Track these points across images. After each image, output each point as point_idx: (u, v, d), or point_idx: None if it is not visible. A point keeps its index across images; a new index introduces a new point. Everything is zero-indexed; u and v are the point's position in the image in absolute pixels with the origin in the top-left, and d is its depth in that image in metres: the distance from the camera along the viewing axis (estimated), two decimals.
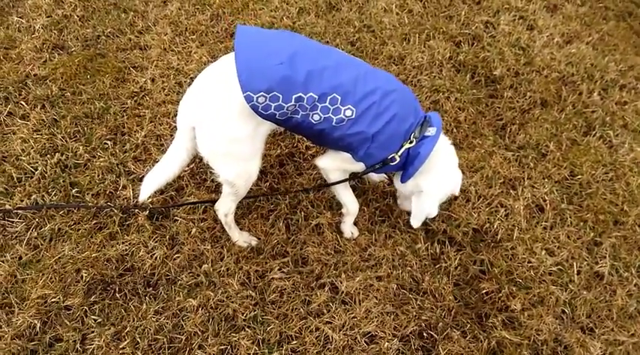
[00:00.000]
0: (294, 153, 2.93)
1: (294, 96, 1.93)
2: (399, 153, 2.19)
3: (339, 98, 1.99)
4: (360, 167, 2.30)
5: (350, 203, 2.54)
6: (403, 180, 2.35)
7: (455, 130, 3.17)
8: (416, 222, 2.38)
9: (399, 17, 3.79)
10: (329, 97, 1.97)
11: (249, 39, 1.97)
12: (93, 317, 2.19)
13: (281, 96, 1.91)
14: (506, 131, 3.23)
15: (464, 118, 3.23)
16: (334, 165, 2.37)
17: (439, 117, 2.33)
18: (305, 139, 2.96)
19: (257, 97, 1.89)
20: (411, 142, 2.19)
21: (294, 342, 2.23)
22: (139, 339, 2.13)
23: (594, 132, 3.30)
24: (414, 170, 2.24)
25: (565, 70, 3.63)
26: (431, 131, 2.22)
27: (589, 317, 2.54)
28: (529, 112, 3.36)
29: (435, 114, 2.35)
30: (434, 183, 2.33)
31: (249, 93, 1.88)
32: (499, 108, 3.35)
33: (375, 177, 2.84)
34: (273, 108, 1.93)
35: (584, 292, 2.60)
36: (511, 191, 2.91)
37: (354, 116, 2.03)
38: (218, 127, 2.03)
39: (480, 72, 3.52)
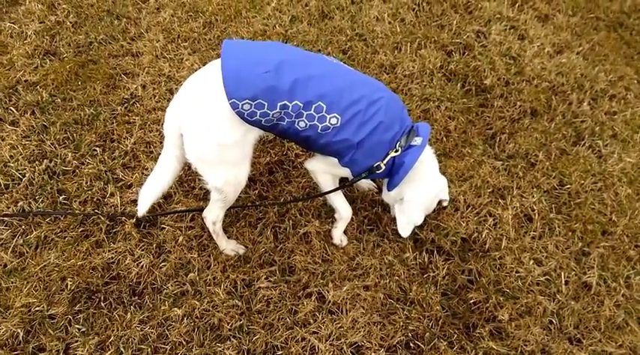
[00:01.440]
0: (284, 160, 2.93)
1: (279, 104, 1.95)
2: (385, 162, 2.21)
3: (325, 106, 2.01)
4: (347, 172, 2.32)
5: (342, 208, 2.56)
6: (389, 189, 2.37)
7: (445, 139, 3.18)
8: (403, 231, 2.40)
9: (391, 26, 3.81)
10: (314, 105, 2.00)
11: (235, 49, 2.00)
12: (77, 326, 2.18)
13: (266, 103, 1.93)
14: (495, 140, 3.24)
15: (454, 127, 3.24)
16: (322, 168, 2.41)
17: (428, 128, 2.35)
18: (294, 147, 2.96)
19: (242, 104, 1.91)
20: (396, 151, 2.21)
21: (280, 353, 2.22)
22: (122, 349, 2.12)
23: (583, 142, 3.32)
24: (399, 179, 2.26)
25: (555, 79, 3.65)
26: (417, 141, 2.24)
27: (577, 327, 2.54)
28: (519, 122, 3.37)
29: (423, 124, 2.37)
30: (416, 192, 2.37)
31: (234, 100, 1.90)
32: (489, 117, 3.36)
33: (364, 185, 2.85)
34: (258, 115, 1.95)
35: (572, 302, 2.60)
36: (500, 200, 2.92)
37: (339, 124, 2.06)
38: (206, 133, 2.03)
39: (470, 81, 3.54)
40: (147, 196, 2.24)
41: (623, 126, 3.47)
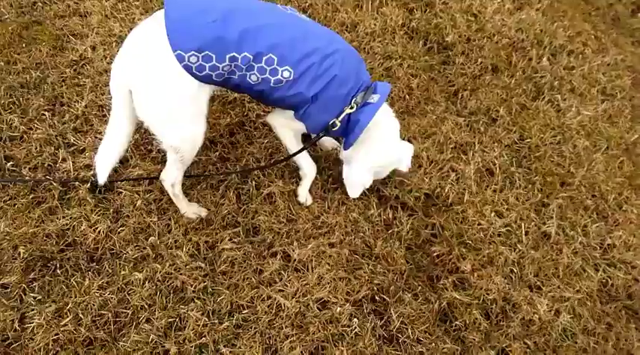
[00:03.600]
0: (245, 121, 2.85)
1: (227, 56, 1.87)
2: (340, 118, 2.17)
3: (276, 59, 1.93)
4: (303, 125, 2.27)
5: (306, 166, 2.52)
6: (345, 148, 2.33)
7: (407, 97, 3.16)
8: (351, 191, 2.39)
9: None
10: (264, 58, 1.92)
11: None
12: (32, 294, 2.09)
13: (214, 56, 1.84)
14: (457, 97, 3.24)
15: (416, 85, 3.22)
16: (281, 122, 2.36)
17: (387, 86, 2.30)
18: (255, 107, 2.89)
19: (189, 56, 1.81)
20: (352, 108, 2.16)
21: (246, 311, 2.20)
22: (82, 315, 2.05)
23: (543, 97, 3.36)
24: (355, 137, 2.22)
25: (515, 36, 3.66)
26: (374, 98, 2.18)
27: (536, 275, 2.61)
28: (480, 78, 3.37)
29: (383, 83, 2.31)
30: (367, 154, 2.33)
31: (179, 52, 1.80)
32: (451, 74, 3.35)
33: (328, 144, 2.81)
34: (207, 68, 1.87)
35: (532, 252, 2.66)
36: (462, 155, 2.94)
37: (292, 77, 1.99)
38: (156, 89, 1.92)
39: (432, 38, 3.51)
40: (104, 162, 2.15)
41: (581, 81, 3.53)
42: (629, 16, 4.35)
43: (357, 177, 2.37)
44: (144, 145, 2.63)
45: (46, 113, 2.68)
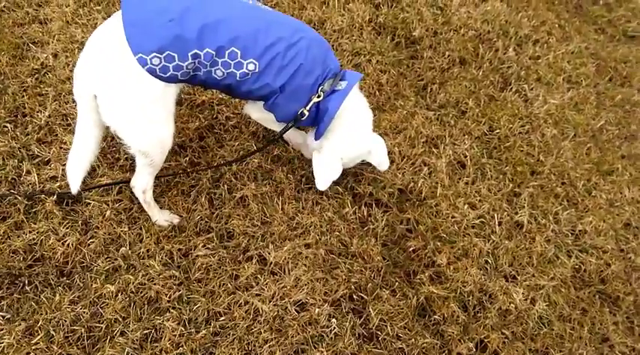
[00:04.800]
0: (214, 124, 2.82)
1: (189, 54, 1.85)
2: (308, 108, 2.16)
3: (239, 52, 1.92)
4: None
5: (295, 136, 2.59)
6: (316, 138, 2.31)
7: (377, 93, 3.16)
8: (320, 184, 2.31)
9: None
10: (227, 52, 1.90)
11: None
12: (0, 313, 2.03)
13: (176, 55, 1.82)
14: (427, 91, 3.26)
15: (385, 80, 3.23)
16: (256, 114, 2.36)
17: (356, 74, 2.29)
18: (224, 109, 2.86)
19: (150, 59, 1.79)
20: (319, 96, 2.15)
21: (223, 318, 2.17)
22: (53, 332, 2.00)
23: (510, 87, 3.40)
24: (325, 126, 2.22)
25: (481, 27, 3.69)
26: (342, 85, 2.17)
27: (511, 265, 2.64)
28: (448, 71, 3.40)
29: (352, 72, 2.30)
30: (335, 143, 2.29)
31: (141, 55, 1.78)
32: (419, 68, 3.37)
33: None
34: (171, 69, 1.84)
35: (506, 241, 2.70)
36: (433, 149, 2.96)
37: (257, 70, 1.98)
38: (121, 93, 1.89)
39: (399, 33, 3.51)
40: (75, 171, 2.09)
41: (547, 70, 3.58)
42: (590, 4, 4.42)
43: (326, 166, 2.29)
44: (111, 153, 2.58)
45: (8, 125, 2.60)
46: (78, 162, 2.09)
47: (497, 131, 3.13)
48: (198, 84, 2.08)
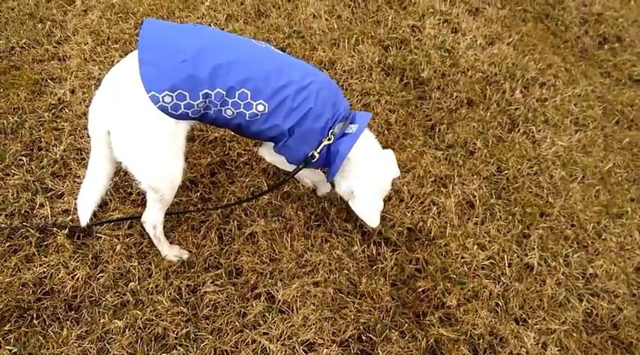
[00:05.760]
0: (226, 161, 2.85)
1: (200, 94, 1.89)
2: (318, 150, 2.18)
3: (249, 93, 1.96)
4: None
5: (308, 175, 2.62)
6: (328, 179, 2.35)
7: (386, 132, 3.21)
8: (370, 221, 2.34)
9: (328, 23, 3.81)
10: (237, 92, 1.94)
11: (154, 35, 1.90)
12: (8, 347, 2.01)
13: (187, 94, 1.87)
14: (435, 131, 3.30)
15: (394, 120, 3.27)
16: (270, 157, 2.42)
17: (366, 116, 2.32)
18: (236, 146, 2.90)
19: (162, 97, 1.84)
20: (329, 139, 2.18)
21: None
22: None
23: (518, 129, 3.43)
24: (336, 168, 2.23)
25: (488, 70, 3.76)
26: (352, 128, 2.20)
27: (522, 308, 2.61)
28: (456, 112, 3.44)
29: (362, 113, 2.34)
30: (364, 181, 2.32)
31: (153, 93, 1.83)
32: (428, 109, 3.42)
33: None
34: (182, 107, 1.89)
35: (516, 284, 2.67)
36: (442, 189, 2.97)
37: (266, 111, 2.02)
38: (133, 129, 1.93)
39: (408, 74, 3.59)
40: (86, 204, 2.12)
41: (554, 112, 3.63)
42: (596, 48, 4.51)
43: (369, 206, 2.33)
44: (123, 188, 2.61)
45: (24, 158, 2.65)
46: (89, 196, 2.12)
47: (506, 172, 3.14)
48: (209, 122, 2.12)
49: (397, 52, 3.72)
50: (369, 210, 2.34)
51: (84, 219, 2.12)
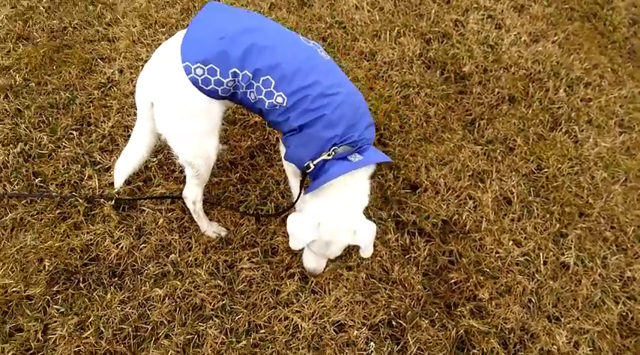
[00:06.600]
0: (265, 144, 2.91)
1: (230, 72, 1.93)
2: (315, 162, 2.04)
3: (273, 82, 1.95)
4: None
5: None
6: (307, 191, 2.16)
7: (425, 124, 3.21)
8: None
9: (370, 14, 3.82)
10: (262, 78, 1.95)
11: (208, 15, 1.98)
12: (55, 306, 2.13)
13: (218, 69, 1.91)
14: (475, 126, 3.28)
15: (434, 113, 3.27)
16: (283, 157, 2.27)
17: (378, 155, 2.15)
18: (275, 131, 2.95)
19: (195, 68, 1.89)
20: (329, 155, 2.03)
21: (263, 331, 2.20)
22: (103, 329, 2.08)
23: (560, 128, 3.38)
24: (318, 184, 2.04)
25: (532, 67, 3.71)
26: (355, 158, 2.06)
27: (555, 306, 2.58)
28: (497, 108, 3.41)
29: (377, 151, 2.17)
30: (319, 206, 2.09)
31: (187, 63, 1.89)
32: (468, 103, 3.40)
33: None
34: (212, 82, 1.93)
35: (551, 282, 2.64)
36: (479, 183, 2.95)
37: (285, 104, 1.99)
38: (170, 101, 2.00)
39: (449, 68, 3.57)
40: (122, 169, 2.22)
41: (598, 113, 3.55)
42: None
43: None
44: (167, 165, 2.70)
45: (74, 132, 2.77)
46: (126, 162, 2.22)
47: (546, 170, 3.10)
48: (238, 103, 2.14)
49: (439, 45, 3.71)
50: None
51: (118, 182, 2.22)
